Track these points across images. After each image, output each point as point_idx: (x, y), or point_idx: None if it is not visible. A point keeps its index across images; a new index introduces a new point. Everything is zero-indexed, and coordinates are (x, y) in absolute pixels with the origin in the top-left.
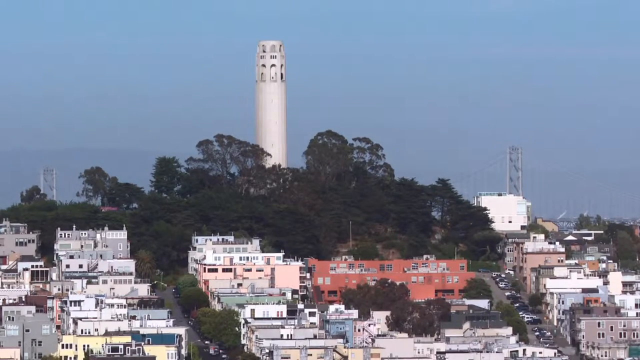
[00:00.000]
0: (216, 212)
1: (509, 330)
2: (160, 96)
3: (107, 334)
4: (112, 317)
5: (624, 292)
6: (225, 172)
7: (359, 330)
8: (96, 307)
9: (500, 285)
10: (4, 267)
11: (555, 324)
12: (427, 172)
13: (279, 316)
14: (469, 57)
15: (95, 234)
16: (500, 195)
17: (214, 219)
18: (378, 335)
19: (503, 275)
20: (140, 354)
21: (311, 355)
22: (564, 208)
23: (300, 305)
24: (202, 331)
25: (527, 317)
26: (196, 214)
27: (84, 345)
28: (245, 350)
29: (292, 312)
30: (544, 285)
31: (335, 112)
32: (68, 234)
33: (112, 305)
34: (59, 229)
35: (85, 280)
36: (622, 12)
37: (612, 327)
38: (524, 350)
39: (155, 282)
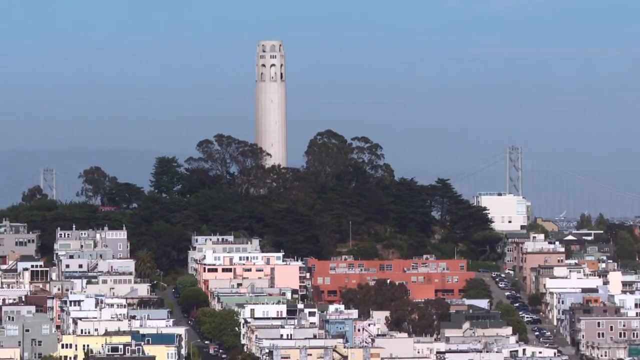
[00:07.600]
0: (216, 212)
1: (508, 330)
2: (160, 96)
3: (107, 333)
4: (112, 317)
5: (624, 292)
6: (225, 172)
7: (359, 330)
8: (96, 307)
9: (500, 285)
10: (4, 267)
11: (555, 323)
12: (427, 172)
13: (279, 316)
14: (469, 57)
15: (95, 234)
16: (500, 195)
17: (213, 219)
18: (378, 335)
19: (503, 275)
20: (140, 353)
21: (311, 355)
22: (564, 208)
23: (300, 305)
24: (202, 331)
25: (527, 317)
26: (196, 213)
27: (84, 345)
28: (245, 350)
29: (292, 312)
30: (544, 285)
31: (335, 112)
32: (68, 234)
33: (112, 305)
34: (58, 228)
35: (85, 280)
36: (622, 12)
37: (611, 327)
38: (524, 350)
39: (155, 282)
